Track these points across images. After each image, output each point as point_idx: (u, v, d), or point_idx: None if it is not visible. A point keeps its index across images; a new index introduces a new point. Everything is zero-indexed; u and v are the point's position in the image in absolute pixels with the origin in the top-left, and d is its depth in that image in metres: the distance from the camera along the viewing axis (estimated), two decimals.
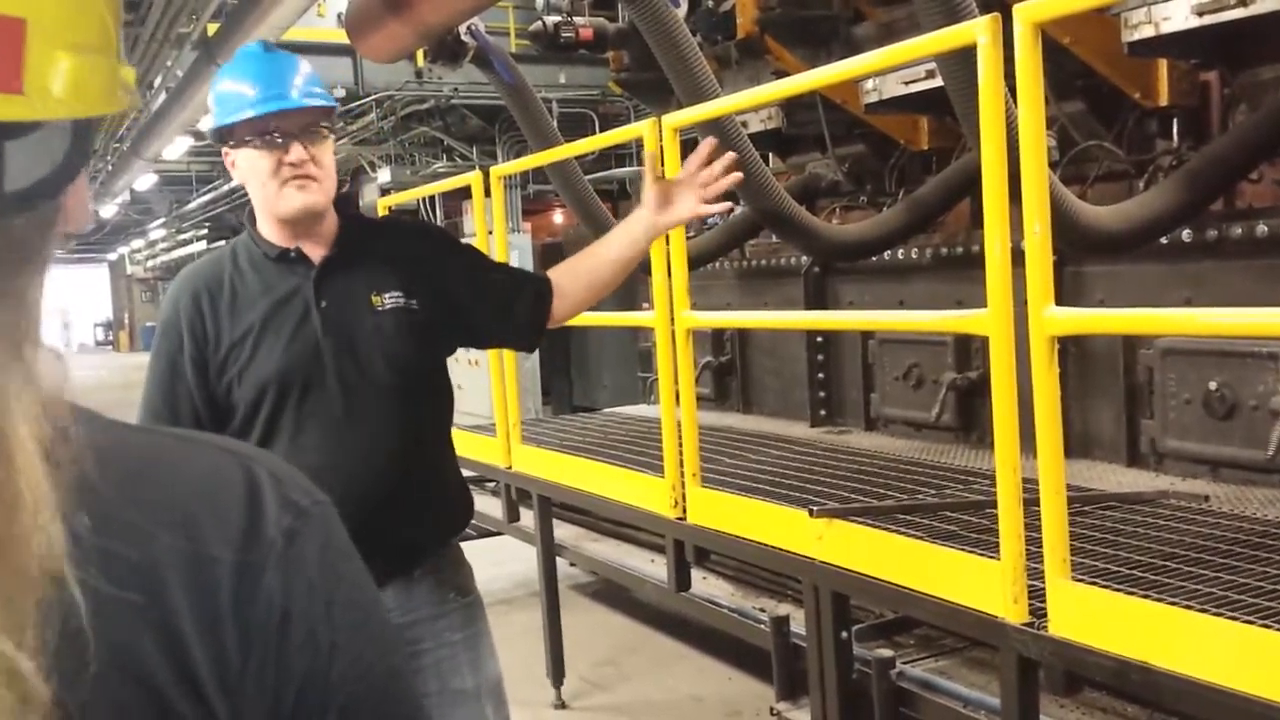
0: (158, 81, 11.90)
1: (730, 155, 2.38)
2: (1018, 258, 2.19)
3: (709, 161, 2.32)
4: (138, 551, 0.62)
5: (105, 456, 0.64)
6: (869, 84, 4.29)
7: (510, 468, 4.55)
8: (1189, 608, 2.04)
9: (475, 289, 2.26)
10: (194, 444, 0.71)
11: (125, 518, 0.62)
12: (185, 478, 0.67)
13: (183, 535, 0.63)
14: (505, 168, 4.63)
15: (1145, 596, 2.12)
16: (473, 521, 2.39)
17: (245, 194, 2.16)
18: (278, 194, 2.06)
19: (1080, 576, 2.24)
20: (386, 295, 2.12)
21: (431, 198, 12.24)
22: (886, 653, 2.69)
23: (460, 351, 2.40)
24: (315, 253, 2.13)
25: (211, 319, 2.08)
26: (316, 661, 0.65)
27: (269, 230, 2.14)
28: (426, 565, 2.17)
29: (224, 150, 2.13)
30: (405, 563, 2.14)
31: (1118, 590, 2.17)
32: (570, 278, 2.33)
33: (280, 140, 2.04)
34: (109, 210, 24.67)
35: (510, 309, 2.29)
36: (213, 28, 9.55)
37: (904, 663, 2.71)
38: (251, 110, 2.04)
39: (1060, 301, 2.18)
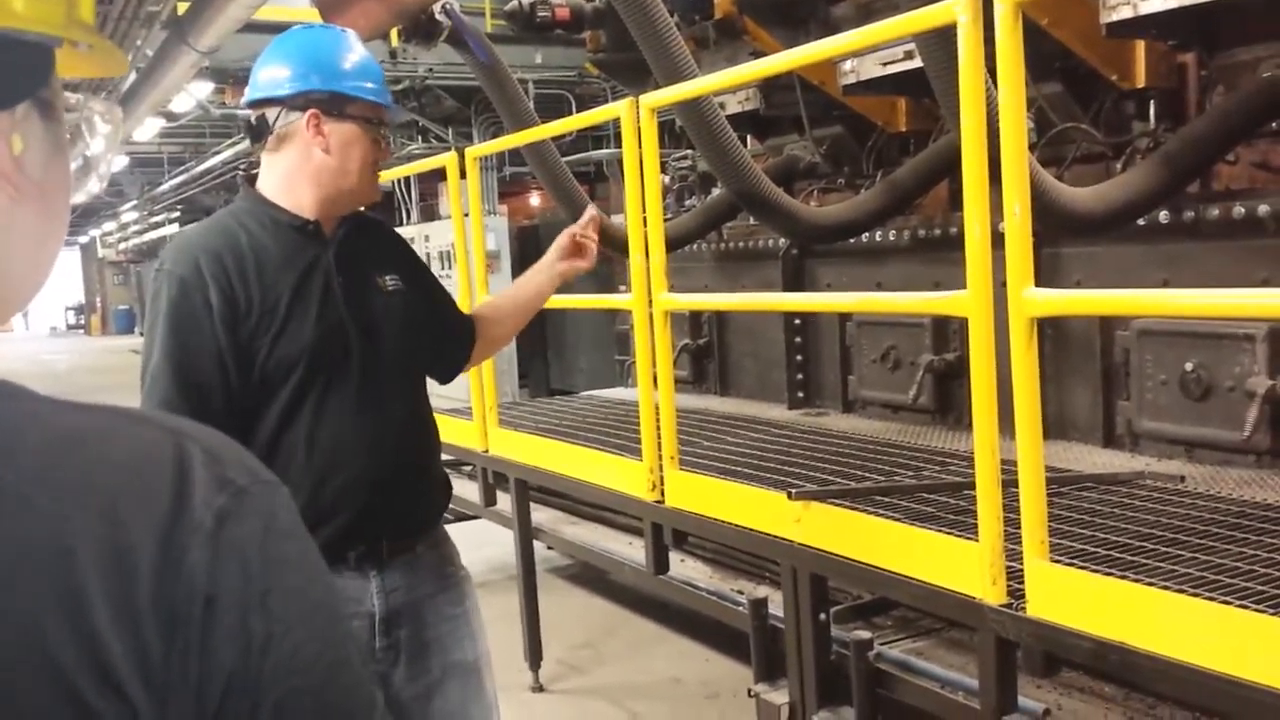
0: (128, 61, 11.73)
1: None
2: (996, 239, 2.18)
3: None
4: (48, 538, 0.57)
5: (19, 436, 0.60)
6: (847, 65, 4.28)
7: (487, 451, 4.53)
8: (1166, 588, 2.05)
9: (437, 298, 2.40)
10: (126, 421, 0.66)
11: (35, 502, 0.58)
12: (109, 457, 0.62)
13: (101, 518, 0.58)
14: (481, 149, 4.59)
15: (1122, 577, 2.13)
16: (450, 505, 2.43)
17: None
18: (363, 179, 2.16)
19: (1058, 557, 2.24)
20: (388, 278, 2.21)
21: (407, 179, 12.15)
22: (865, 634, 2.70)
23: None
24: (327, 227, 2.16)
25: (240, 281, 2.00)
26: (248, 652, 0.60)
27: (293, 201, 2.11)
28: (427, 540, 2.24)
29: (311, 111, 2.07)
30: (414, 536, 2.21)
31: (1095, 571, 2.18)
32: (492, 315, 2.53)
33: (386, 134, 2.22)
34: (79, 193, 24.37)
35: (448, 335, 2.42)
36: (183, 6, 9.41)
37: (882, 644, 2.71)
38: (376, 98, 2.16)
39: (1037, 283, 2.17)
